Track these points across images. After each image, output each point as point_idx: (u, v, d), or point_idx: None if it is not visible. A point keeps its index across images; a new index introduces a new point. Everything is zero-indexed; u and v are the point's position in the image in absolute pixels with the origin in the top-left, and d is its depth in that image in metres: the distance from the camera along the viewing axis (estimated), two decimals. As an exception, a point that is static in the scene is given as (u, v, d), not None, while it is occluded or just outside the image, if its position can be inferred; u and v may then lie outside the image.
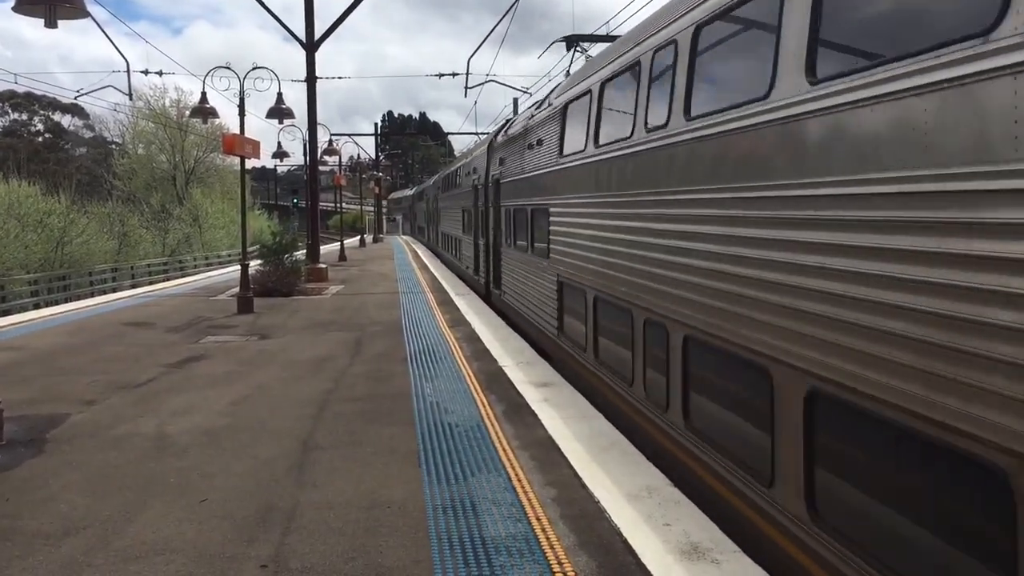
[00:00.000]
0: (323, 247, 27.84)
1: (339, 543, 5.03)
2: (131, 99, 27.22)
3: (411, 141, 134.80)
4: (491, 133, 21.98)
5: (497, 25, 22.87)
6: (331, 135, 40.37)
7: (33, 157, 70.39)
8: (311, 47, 23.60)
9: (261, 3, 22.81)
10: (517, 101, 40.75)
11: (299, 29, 23.60)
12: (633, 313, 7.34)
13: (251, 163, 19.43)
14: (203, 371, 10.71)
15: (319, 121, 25.09)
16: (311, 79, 23.92)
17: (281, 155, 37.41)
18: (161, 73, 32.97)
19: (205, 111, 20.15)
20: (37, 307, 24.27)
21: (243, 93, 17.91)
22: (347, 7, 23.89)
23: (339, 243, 40.42)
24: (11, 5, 9.39)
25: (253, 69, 18.90)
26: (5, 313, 23.60)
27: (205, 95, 20.23)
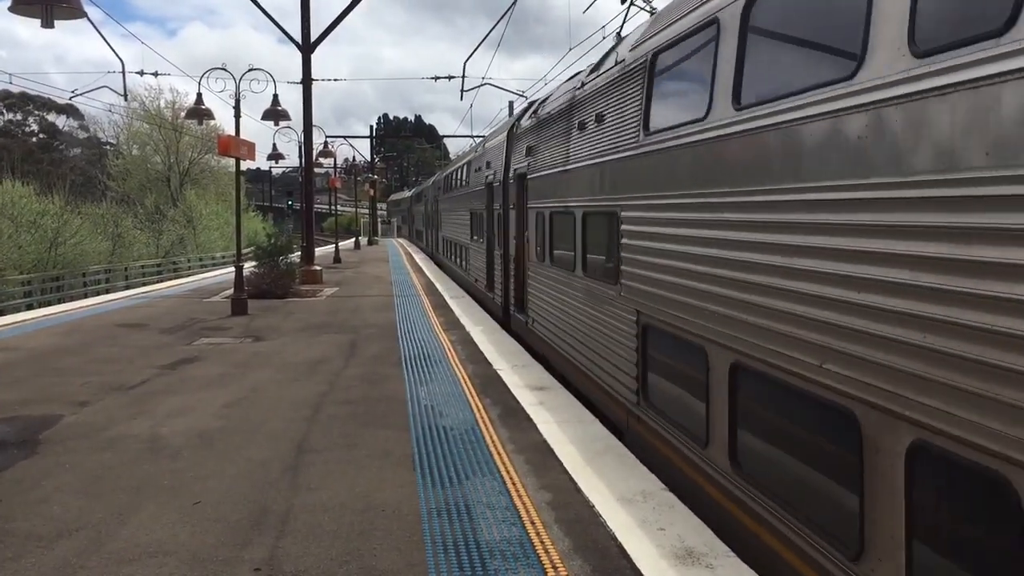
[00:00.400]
0: (318, 249, 27.84)
1: (333, 546, 5.02)
2: (126, 100, 27.24)
3: (406, 144, 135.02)
4: (510, 119, 18.39)
5: (493, 29, 22.87)
6: (326, 137, 40.32)
7: (27, 157, 70.16)
8: (307, 49, 23.59)
9: (258, 5, 22.81)
10: (512, 104, 40.86)
11: (294, 31, 23.59)
12: (854, 415, 3.92)
13: (246, 165, 19.42)
14: (197, 373, 10.68)
15: (314, 123, 25.11)
16: (307, 81, 23.91)
17: (276, 157, 37.50)
18: (156, 74, 33.06)
19: (201, 112, 20.15)
20: (30, 308, 24.20)
21: (239, 95, 17.89)
22: (344, 9, 23.95)
23: (334, 245, 40.35)
24: (7, 5, 9.40)
25: (249, 71, 18.88)
26: (-2, 313, 23.52)
27: (201, 96, 20.24)
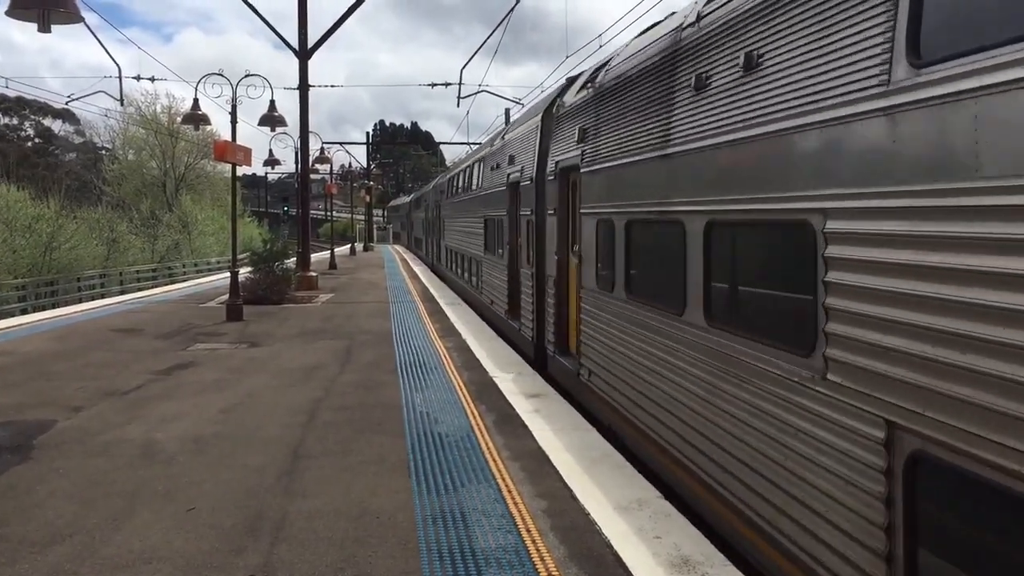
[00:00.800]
0: (313, 255, 27.81)
1: (328, 553, 5.00)
2: (123, 105, 27.21)
3: (402, 150, 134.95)
4: (543, 99, 14.05)
5: (490, 36, 22.89)
6: (323, 143, 40.31)
7: (23, 162, 70.13)
8: (304, 55, 23.61)
9: (256, 11, 22.85)
10: (509, 112, 40.95)
11: (290, 36, 23.63)
12: None
13: (242, 170, 19.42)
14: (192, 378, 10.65)
15: (310, 129, 25.12)
16: (303, 87, 23.91)
17: (272, 163, 37.49)
18: (153, 79, 32.84)
19: (197, 118, 20.17)
20: (25, 312, 24.13)
21: (235, 100, 17.91)
22: (342, 15, 23.97)
23: (329, 251, 40.33)
24: (4, 9, 9.40)
25: (246, 76, 18.90)
26: (-8, 318, 23.42)
27: (197, 102, 20.26)
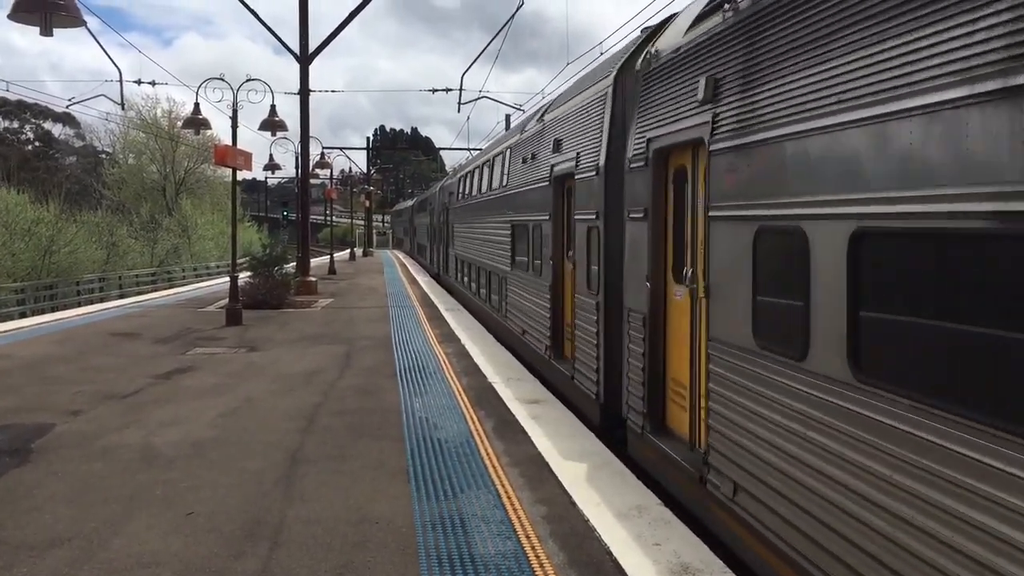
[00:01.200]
0: (313, 260, 27.80)
1: (327, 558, 4.99)
2: (123, 109, 27.22)
3: (402, 155, 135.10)
4: (619, 52, 9.23)
5: (491, 43, 22.95)
6: (323, 148, 40.35)
7: (23, 165, 70.10)
8: (305, 60, 23.64)
9: (257, 17, 22.90)
10: (509, 117, 40.97)
11: (290, 41, 23.68)
12: None
13: (241, 175, 19.46)
14: (191, 383, 10.64)
15: (311, 134, 25.13)
16: (304, 92, 23.93)
17: (272, 167, 37.50)
18: (154, 83, 32.96)
19: (198, 122, 20.18)
20: (24, 316, 24.11)
21: (236, 105, 17.93)
22: (342, 21, 24.05)
23: (329, 256, 40.34)
24: (4, 12, 9.42)
25: (247, 81, 18.92)
26: (-9, 321, 23.41)
27: (198, 106, 20.28)
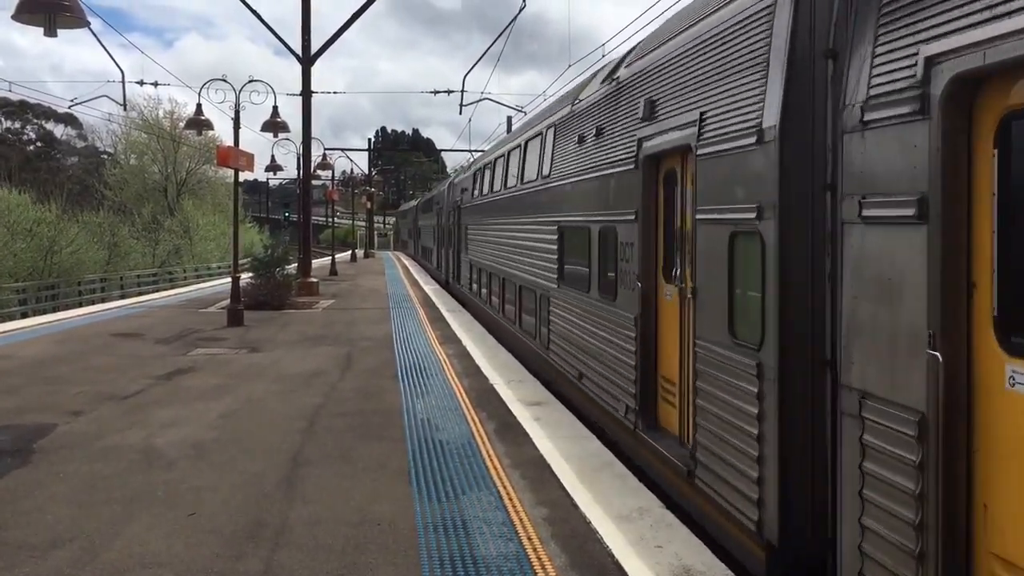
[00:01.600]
0: (314, 261, 27.82)
1: (329, 560, 4.98)
2: (125, 110, 27.29)
3: (403, 157, 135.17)
4: None
5: (492, 44, 22.99)
6: (325, 149, 40.37)
7: (25, 165, 70.21)
8: (307, 61, 23.65)
9: (260, 19, 22.90)
10: (511, 119, 40.98)
11: (291, 43, 23.70)
12: None
13: (243, 176, 19.41)
14: (192, 383, 10.64)
15: (312, 136, 25.13)
16: (306, 93, 23.94)
17: (274, 168, 37.51)
18: (156, 84, 33.05)
19: (200, 123, 20.18)
20: (25, 316, 24.11)
21: (238, 106, 17.93)
22: (345, 21, 24.06)
23: (330, 258, 40.36)
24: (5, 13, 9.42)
25: (249, 82, 18.93)
26: (-8, 321, 23.41)
27: (200, 107, 20.30)
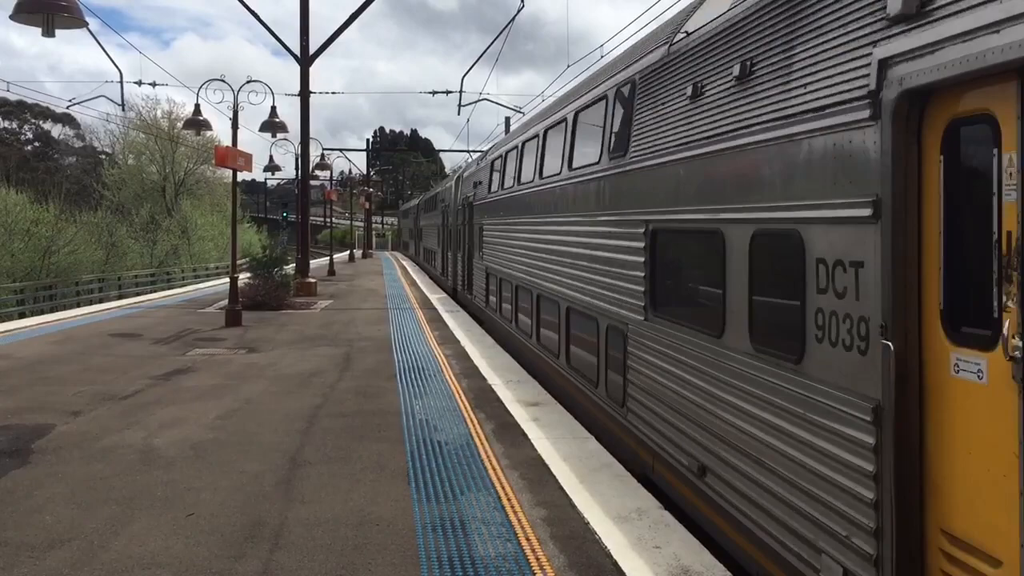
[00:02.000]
0: (312, 262, 27.81)
1: (328, 560, 4.99)
2: (123, 110, 27.25)
3: (401, 157, 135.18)
4: None
5: (491, 44, 23.00)
6: (323, 150, 40.35)
7: (22, 165, 70.16)
8: (306, 61, 23.66)
9: (259, 19, 22.94)
10: (509, 120, 41.00)
11: (289, 43, 23.72)
12: None
13: (241, 176, 19.43)
14: (190, 384, 10.64)
15: (310, 136, 25.14)
16: (304, 93, 23.96)
17: (272, 168, 37.50)
18: (155, 84, 33.05)
19: (199, 123, 20.16)
20: (23, 316, 24.08)
21: (237, 106, 17.92)
22: (344, 21, 24.08)
23: (328, 258, 40.35)
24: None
25: (248, 82, 18.92)
26: (-10, 321, 23.38)
27: (199, 107, 20.27)
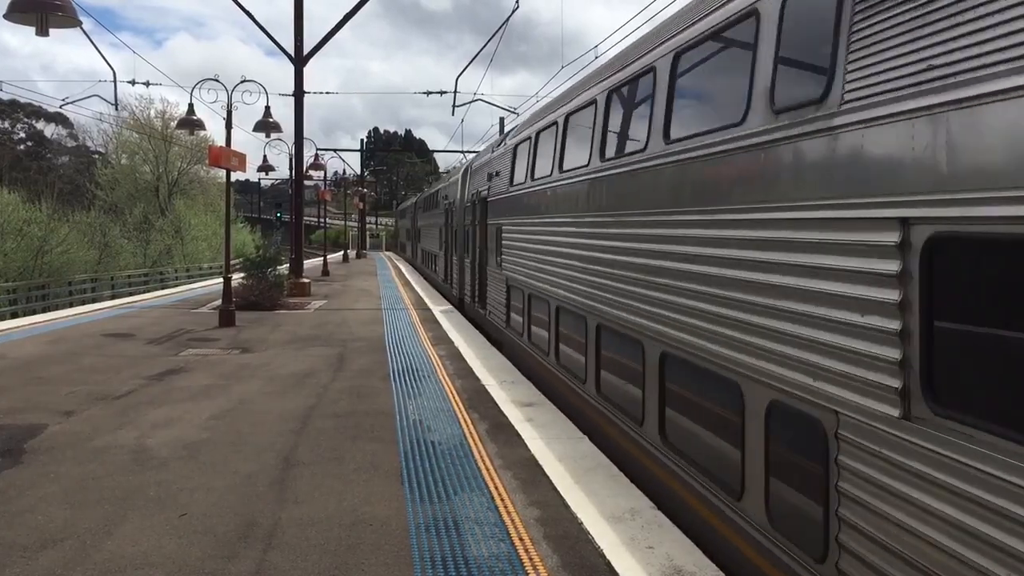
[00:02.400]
0: (306, 262, 27.79)
1: (321, 560, 4.99)
2: (117, 109, 27.20)
3: (395, 158, 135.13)
4: None
5: (486, 45, 23.02)
6: (317, 150, 40.30)
7: (15, 165, 69.97)
8: (300, 61, 23.64)
9: (253, 19, 22.88)
10: (503, 120, 40.98)
11: (284, 43, 23.70)
12: None
13: (235, 176, 19.39)
14: (184, 384, 10.62)
15: (304, 136, 25.09)
16: (299, 93, 23.93)
17: (266, 168, 37.38)
18: (148, 84, 33.02)
19: (192, 123, 20.10)
20: (15, 316, 24.00)
21: (231, 106, 17.88)
22: (337, 23, 24.03)
23: (322, 258, 40.31)
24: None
25: (242, 82, 18.88)
26: (-18, 321, 23.29)
27: (192, 107, 20.19)
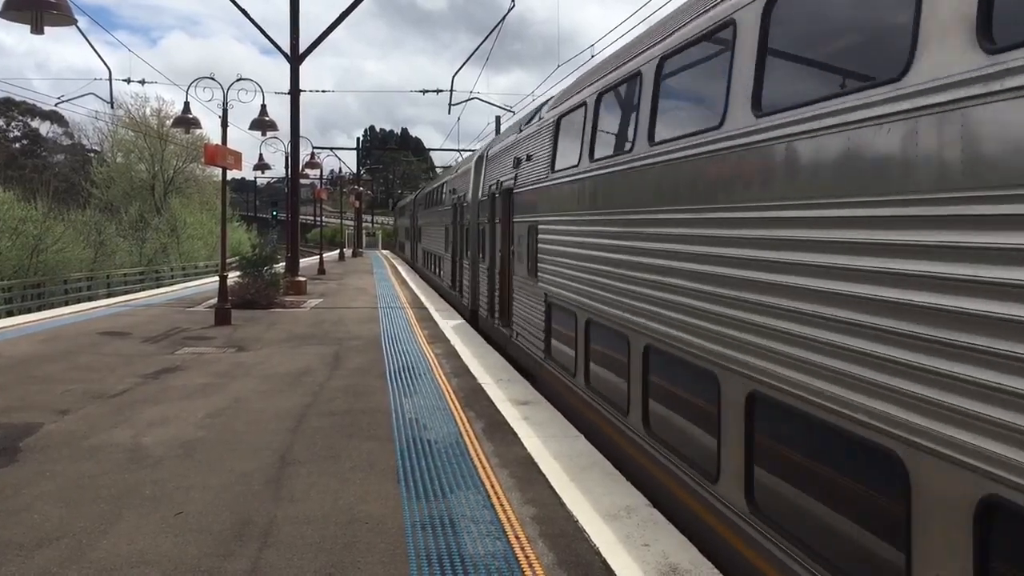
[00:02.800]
0: (302, 260, 27.76)
1: (317, 559, 4.99)
2: (112, 107, 27.15)
3: (391, 156, 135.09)
4: None
5: (482, 43, 23.01)
6: (313, 148, 40.26)
7: (10, 163, 69.83)
8: (296, 60, 23.60)
9: (249, 18, 22.84)
10: (499, 119, 41.03)
11: (279, 42, 23.65)
12: None
13: (231, 174, 19.36)
14: (179, 382, 10.61)
15: (300, 134, 25.06)
16: (295, 91, 23.89)
17: (262, 167, 37.36)
18: (144, 82, 32.91)
19: (188, 121, 20.08)
20: (11, 314, 23.95)
21: (226, 104, 17.86)
22: (333, 21, 24.00)
23: (318, 257, 40.28)
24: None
25: (237, 80, 18.86)
26: (-23, 320, 23.21)
27: (188, 105, 20.18)
